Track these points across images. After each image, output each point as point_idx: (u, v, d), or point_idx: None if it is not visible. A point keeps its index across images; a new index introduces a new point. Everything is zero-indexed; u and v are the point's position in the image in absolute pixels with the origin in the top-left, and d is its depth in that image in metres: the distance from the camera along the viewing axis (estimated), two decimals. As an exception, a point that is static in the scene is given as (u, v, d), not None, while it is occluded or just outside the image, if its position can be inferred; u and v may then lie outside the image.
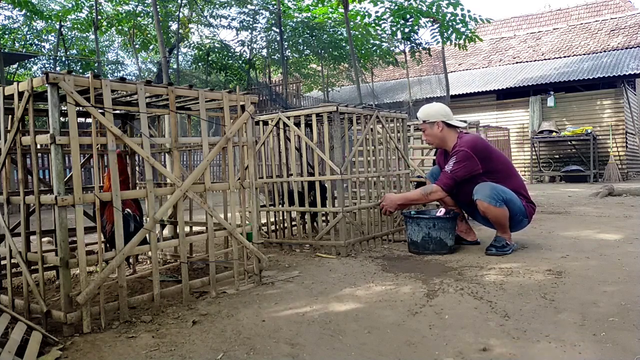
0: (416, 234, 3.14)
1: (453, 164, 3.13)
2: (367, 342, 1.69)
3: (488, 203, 3.00)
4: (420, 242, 3.13)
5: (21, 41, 15.44)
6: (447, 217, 3.15)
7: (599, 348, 1.57)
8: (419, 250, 3.15)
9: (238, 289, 2.40)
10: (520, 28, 18.52)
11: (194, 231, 3.13)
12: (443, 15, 11.75)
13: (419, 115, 3.30)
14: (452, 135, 3.27)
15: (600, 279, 2.38)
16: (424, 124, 3.28)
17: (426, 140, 3.37)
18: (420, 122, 3.30)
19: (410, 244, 3.21)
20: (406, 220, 3.23)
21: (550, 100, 13.00)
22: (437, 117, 3.23)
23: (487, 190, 3.01)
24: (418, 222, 3.13)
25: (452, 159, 3.14)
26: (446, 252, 3.12)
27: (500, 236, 3.11)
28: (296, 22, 14.42)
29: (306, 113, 3.34)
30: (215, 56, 14.91)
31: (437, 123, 3.23)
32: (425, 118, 3.26)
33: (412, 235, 3.17)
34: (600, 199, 6.86)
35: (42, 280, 1.94)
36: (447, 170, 3.15)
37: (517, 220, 3.13)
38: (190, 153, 3.28)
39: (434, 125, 3.24)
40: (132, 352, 1.65)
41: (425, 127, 3.28)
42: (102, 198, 1.93)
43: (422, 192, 3.23)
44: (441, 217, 3.15)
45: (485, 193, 3.01)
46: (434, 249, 3.11)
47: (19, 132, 1.99)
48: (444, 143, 3.28)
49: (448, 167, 3.14)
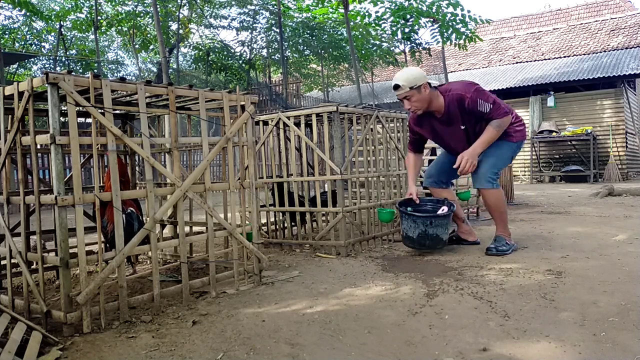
0: (412, 230, 3.07)
1: (485, 103, 3.00)
2: (367, 342, 1.69)
3: (486, 187, 3.08)
4: (416, 239, 3.07)
5: (21, 41, 15.44)
6: (444, 214, 3.10)
7: (599, 348, 1.57)
8: (414, 245, 3.12)
9: (238, 289, 2.40)
10: (520, 28, 18.52)
11: (194, 231, 3.13)
12: (443, 15, 11.75)
13: (403, 83, 3.01)
14: (434, 93, 3.09)
15: (600, 279, 2.38)
16: (410, 91, 3.01)
17: (412, 108, 3.09)
18: (405, 90, 3.01)
19: (406, 238, 3.14)
20: (402, 216, 3.15)
21: (550, 100, 13.00)
22: (422, 79, 3.01)
23: (483, 173, 3.08)
24: (415, 219, 3.06)
25: (480, 103, 2.99)
26: (441, 246, 3.13)
27: (500, 235, 3.11)
28: (296, 22, 14.43)
29: (306, 113, 3.34)
30: (215, 56, 14.91)
31: (423, 86, 3.03)
32: (413, 84, 3.01)
33: (407, 230, 3.10)
34: (600, 199, 6.86)
35: (42, 280, 1.94)
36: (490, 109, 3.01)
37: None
38: (190, 153, 3.27)
39: (421, 89, 3.02)
40: (132, 352, 1.65)
41: (413, 94, 3.02)
42: (102, 198, 1.93)
43: (496, 128, 3.05)
44: (439, 214, 3.09)
45: (481, 177, 3.09)
46: (430, 245, 3.09)
47: (19, 132, 1.99)
48: (430, 104, 3.10)
49: (487, 107, 3.00)
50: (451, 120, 3.13)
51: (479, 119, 3.09)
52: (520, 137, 3.24)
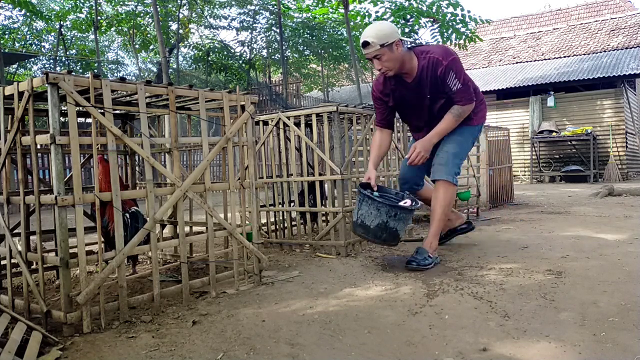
0: (371, 218, 2.67)
1: (455, 78, 2.70)
2: (367, 342, 1.69)
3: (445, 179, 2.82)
4: (372, 229, 2.67)
5: (21, 41, 15.45)
6: (411, 208, 2.76)
7: (599, 348, 1.57)
8: (367, 236, 2.73)
9: (238, 289, 2.40)
10: (520, 28, 18.52)
11: (194, 231, 3.13)
12: (443, 15, 11.76)
13: (373, 40, 2.63)
14: (408, 54, 2.75)
15: (600, 279, 2.38)
16: (381, 49, 2.64)
17: (384, 69, 2.73)
18: (376, 48, 2.64)
19: (359, 226, 2.72)
20: (362, 199, 2.71)
21: (550, 100, 13.00)
22: (394, 35, 2.65)
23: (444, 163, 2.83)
24: (378, 206, 2.66)
25: (450, 76, 2.69)
26: (395, 243, 2.84)
27: (424, 248, 2.78)
28: (296, 22, 14.43)
29: (306, 113, 3.34)
30: (215, 56, 14.93)
31: (396, 43, 2.66)
32: (384, 40, 2.63)
33: (365, 217, 2.69)
34: (600, 199, 6.86)
35: (42, 280, 1.94)
36: (458, 89, 2.72)
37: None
38: (190, 153, 3.27)
39: (393, 47, 2.66)
40: (132, 352, 1.65)
41: (384, 52, 2.66)
42: (102, 198, 1.93)
43: (455, 117, 2.79)
44: (406, 207, 2.74)
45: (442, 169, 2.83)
46: (386, 239, 2.72)
47: (19, 132, 1.99)
48: (403, 66, 2.74)
49: (455, 85, 2.71)
50: (420, 87, 2.79)
51: (443, 95, 2.78)
52: (481, 118, 3.01)
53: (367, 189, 2.80)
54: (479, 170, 5.17)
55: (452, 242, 3.55)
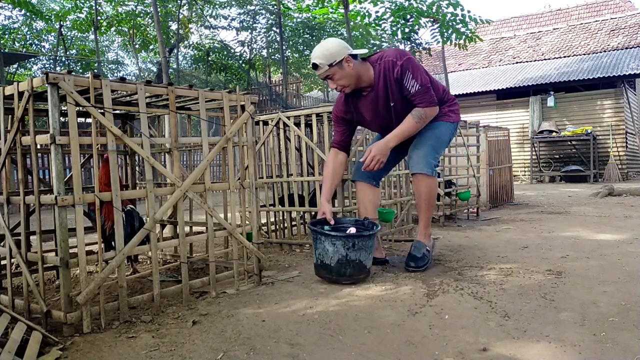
0: (329, 256, 2.42)
1: (413, 79, 2.53)
2: (367, 342, 1.69)
3: (422, 172, 2.64)
4: (334, 267, 2.42)
5: (21, 41, 15.45)
6: (369, 234, 2.49)
7: (599, 348, 1.57)
8: (332, 276, 2.45)
9: (238, 289, 2.40)
10: (520, 28, 18.52)
11: (194, 231, 3.13)
12: (443, 15, 11.76)
13: (320, 61, 2.52)
14: (363, 66, 2.60)
15: (600, 279, 2.38)
16: (331, 69, 2.53)
17: (339, 87, 2.61)
18: (325, 69, 2.53)
19: (321, 267, 2.47)
20: (316, 237, 2.48)
21: (550, 100, 13.01)
22: (341, 52, 2.52)
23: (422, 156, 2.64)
24: (333, 241, 2.41)
25: (407, 76, 2.53)
26: (365, 275, 2.49)
27: (420, 241, 2.71)
28: (296, 22, 14.44)
29: (306, 113, 3.34)
30: (215, 56, 14.93)
31: (345, 59, 2.53)
32: (331, 60, 2.51)
33: (323, 257, 2.44)
34: (600, 199, 6.86)
35: (42, 280, 1.94)
36: (417, 90, 2.54)
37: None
38: (190, 153, 3.27)
39: (343, 65, 2.53)
40: (132, 352, 1.65)
41: (335, 72, 2.54)
42: (102, 198, 1.93)
43: (416, 119, 2.58)
44: (363, 234, 2.48)
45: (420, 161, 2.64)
46: (352, 274, 2.43)
47: (19, 132, 1.99)
48: (360, 79, 2.61)
49: (413, 86, 2.53)
50: (381, 96, 2.64)
51: (405, 100, 2.61)
52: (457, 117, 2.84)
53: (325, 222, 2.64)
54: (479, 170, 5.17)
55: (452, 242, 3.56)
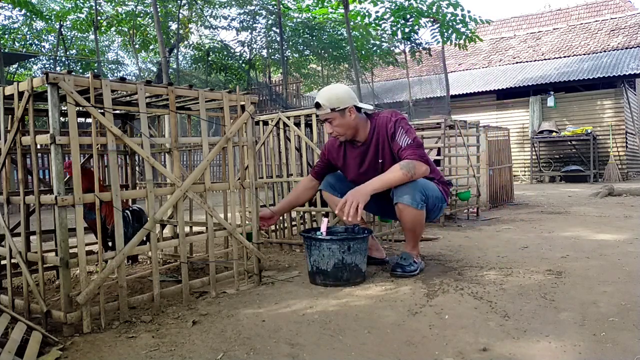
0: (326, 260, 2.41)
1: (405, 134, 2.51)
2: (367, 342, 1.69)
3: (409, 205, 2.47)
4: (331, 272, 2.40)
5: (21, 41, 15.45)
6: (363, 236, 2.51)
7: (599, 348, 1.57)
8: (328, 281, 2.42)
9: (238, 289, 2.40)
10: (520, 28, 18.53)
11: (194, 231, 3.13)
12: (443, 15, 11.77)
13: (324, 102, 2.54)
14: (362, 120, 2.62)
15: (600, 279, 2.38)
16: (332, 113, 2.53)
17: (334, 133, 2.60)
18: (326, 111, 2.54)
19: (316, 273, 2.45)
20: (310, 244, 2.46)
21: (550, 100, 13.01)
22: (348, 101, 2.54)
23: (409, 191, 2.47)
24: (329, 245, 2.40)
25: (400, 132, 2.52)
26: (361, 280, 2.47)
27: (408, 253, 2.62)
28: (296, 22, 14.44)
29: (306, 113, 3.34)
30: (215, 56, 14.93)
31: (349, 109, 2.54)
32: (335, 105, 2.52)
33: (319, 262, 2.43)
34: (600, 199, 6.86)
35: (42, 280, 1.94)
36: (408, 144, 2.49)
37: (437, 208, 2.67)
38: (190, 153, 3.27)
39: (345, 113, 2.54)
40: (132, 352, 1.65)
41: (335, 117, 2.54)
42: (102, 198, 1.93)
43: (404, 169, 2.44)
44: (357, 237, 2.48)
45: (407, 193, 2.47)
46: (349, 278, 2.43)
47: (19, 132, 1.99)
48: (356, 132, 2.62)
49: (405, 141, 2.50)
50: (370, 150, 2.63)
51: (395, 159, 2.57)
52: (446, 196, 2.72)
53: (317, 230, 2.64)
54: (479, 170, 5.17)
55: (452, 242, 3.56)
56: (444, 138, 4.56)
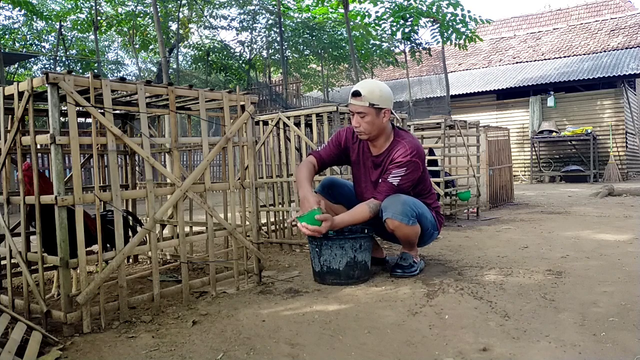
0: (338, 259, 2.43)
1: (402, 175, 2.48)
2: (367, 342, 1.69)
3: (400, 221, 2.44)
4: (343, 270, 2.43)
5: (21, 41, 15.45)
6: (369, 235, 2.58)
7: (599, 348, 1.57)
8: (339, 279, 2.45)
9: (238, 289, 2.40)
10: (520, 28, 18.52)
11: (194, 231, 3.13)
12: (443, 15, 11.77)
13: (366, 93, 2.45)
14: (388, 129, 2.59)
15: (600, 279, 2.38)
16: (369, 108, 2.45)
17: (360, 128, 2.52)
18: (364, 104, 2.45)
19: (327, 273, 2.46)
20: (321, 244, 2.46)
21: (550, 100, 13.00)
22: (388, 103, 2.49)
23: (399, 206, 2.44)
24: (342, 244, 2.43)
25: (402, 169, 2.48)
26: (368, 277, 2.54)
27: (407, 253, 2.62)
28: (296, 22, 14.43)
29: (306, 113, 3.34)
30: (215, 56, 14.93)
31: (386, 110, 2.49)
32: (377, 102, 2.46)
33: (331, 262, 2.44)
34: (600, 199, 6.86)
35: (42, 280, 1.94)
36: (392, 182, 2.48)
37: (428, 235, 2.67)
38: (190, 153, 3.27)
39: (381, 113, 2.48)
40: (132, 352, 1.65)
41: (369, 112, 2.46)
42: (102, 198, 1.93)
43: (371, 210, 2.48)
44: (365, 235, 2.55)
45: (397, 210, 2.43)
46: (359, 276, 2.48)
47: (19, 132, 1.99)
48: (379, 136, 2.57)
49: (394, 179, 2.48)
50: (377, 163, 2.62)
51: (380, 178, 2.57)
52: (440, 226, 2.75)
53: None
54: (479, 170, 5.17)
55: (452, 242, 3.56)
56: (444, 138, 4.56)
